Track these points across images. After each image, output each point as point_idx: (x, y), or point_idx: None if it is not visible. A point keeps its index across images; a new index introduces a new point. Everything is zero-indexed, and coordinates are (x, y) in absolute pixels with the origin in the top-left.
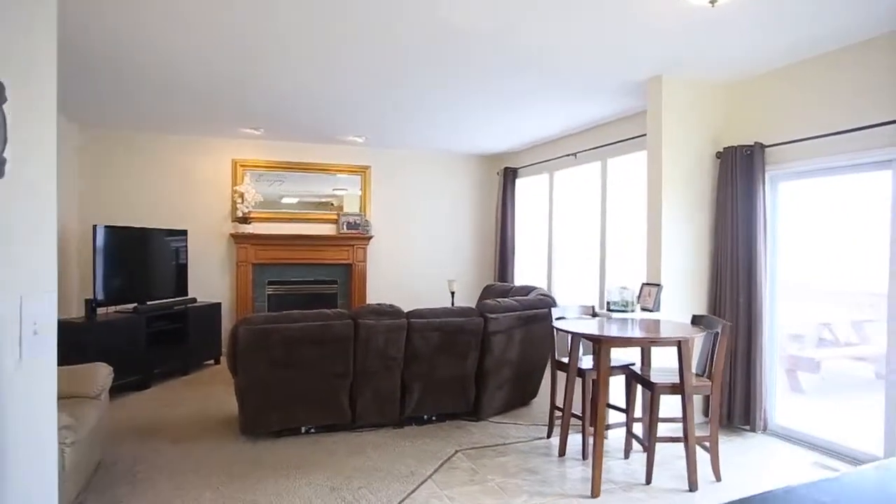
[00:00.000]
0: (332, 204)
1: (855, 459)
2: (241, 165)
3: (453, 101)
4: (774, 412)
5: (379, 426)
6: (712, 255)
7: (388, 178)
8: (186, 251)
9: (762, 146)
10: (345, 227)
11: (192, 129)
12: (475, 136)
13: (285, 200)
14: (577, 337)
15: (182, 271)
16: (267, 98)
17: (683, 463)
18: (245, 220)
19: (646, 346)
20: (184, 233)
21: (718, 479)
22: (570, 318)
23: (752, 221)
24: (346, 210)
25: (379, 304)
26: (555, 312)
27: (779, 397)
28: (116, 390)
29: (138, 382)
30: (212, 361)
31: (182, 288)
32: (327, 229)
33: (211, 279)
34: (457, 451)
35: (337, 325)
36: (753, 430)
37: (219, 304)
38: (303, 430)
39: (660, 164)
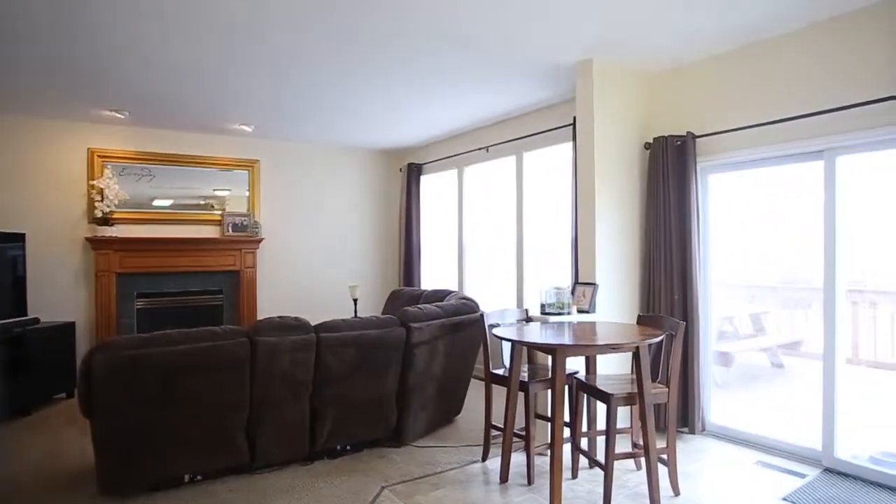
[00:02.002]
0: (212, 206)
1: (795, 455)
2: (100, 156)
3: (353, 85)
4: (710, 412)
5: (285, 464)
6: (644, 252)
7: (280, 174)
8: (24, 260)
9: (694, 136)
10: (230, 228)
11: (31, 109)
12: (377, 127)
13: (158, 202)
14: (518, 346)
15: (19, 285)
16: (132, 71)
17: (635, 478)
18: (106, 221)
19: (606, 352)
20: (20, 237)
21: (677, 493)
22: (505, 324)
23: (686, 215)
24: (229, 211)
25: (281, 318)
26: (488, 319)
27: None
28: None
29: None
30: (63, 395)
31: (19, 306)
32: (210, 231)
33: (60, 294)
34: (383, 488)
35: (228, 345)
36: (692, 431)
37: (72, 325)
38: (186, 478)
39: (591, 155)
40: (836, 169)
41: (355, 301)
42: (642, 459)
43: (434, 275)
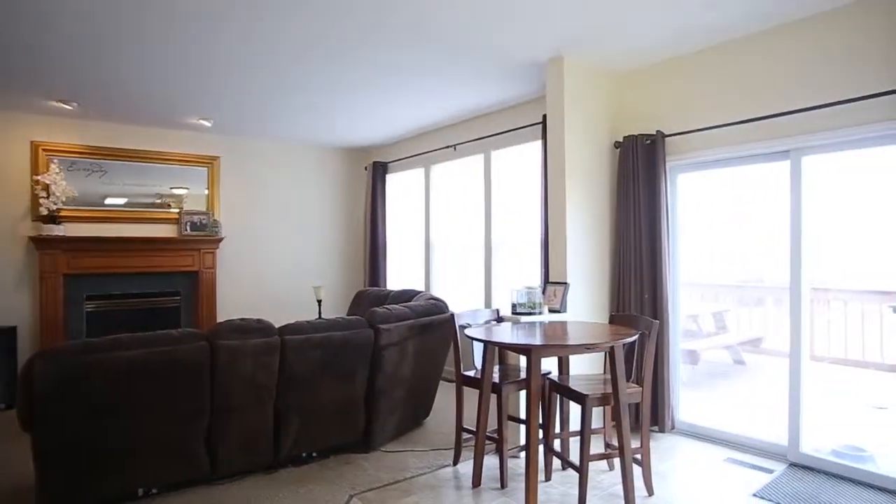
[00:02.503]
0: (169, 204)
1: (761, 450)
2: (46, 150)
3: (318, 81)
4: (679, 410)
5: (247, 474)
6: (614, 251)
7: (241, 172)
8: None
9: (663, 135)
10: (188, 227)
11: None
12: (342, 125)
13: (110, 200)
14: (491, 347)
15: None
16: (79, 58)
17: (608, 478)
18: (52, 219)
19: (582, 352)
20: None
21: (651, 493)
22: (476, 324)
23: (656, 215)
24: (187, 209)
25: (243, 320)
26: (459, 319)
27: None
28: None
29: None
30: (3, 406)
31: None
32: (166, 231)
33: (0, 297)
34: (352, 497)
35: (187, 349)
36: (662, 430)
37: (13, 329)
38: (140, 492)
39: (562, 153)
40: (802, 169)
41: (319, 302)
42: (615, 460)
43: (400, 275)
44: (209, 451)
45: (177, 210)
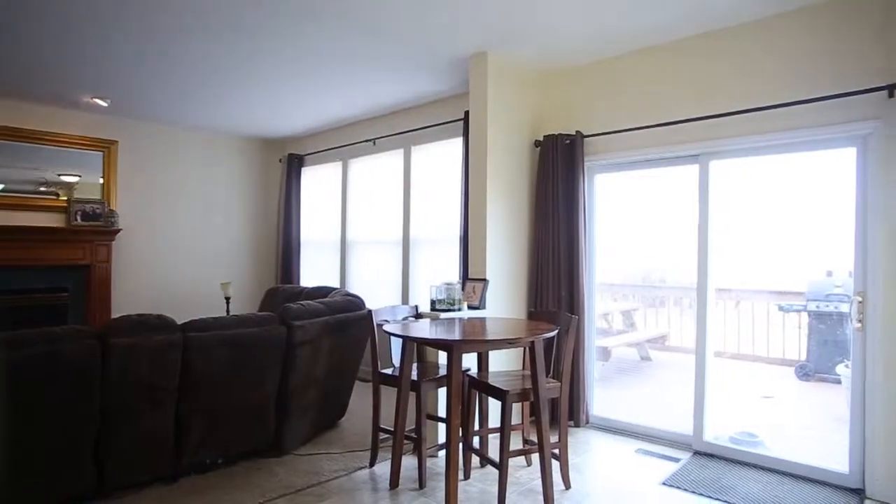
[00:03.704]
0: (57, 193)
1: (669, 441)
2: None
3: (228, 60)
4: (593, 404)
5: (143, 485)
6: (532, 248)
7: (143, 158)
8: None
9: (582, 135)
10: (79, 217)
11: None
12: (255, 113)
13: None
14: (410, 344)
15: None
16: None
17: (526, 474)
18: None
19: (503, 347)
20: None
21: (568, 486)
22: (395, 321)
23: (573, 214)
24: (78, 197)
25: (141, 316)
26: (377, 316)
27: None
28: None
29: None
30: None
31: None
32: (54, 220)
33: None
34: None
35: (72, 348)
36: (577, 424)
37: None
38: None
39: (484, 150)
40: (710, 173)
41: (228, 300)
42: (533, 455)
43: (315, 272)
44: (96, 462)
45: (66, 198)
